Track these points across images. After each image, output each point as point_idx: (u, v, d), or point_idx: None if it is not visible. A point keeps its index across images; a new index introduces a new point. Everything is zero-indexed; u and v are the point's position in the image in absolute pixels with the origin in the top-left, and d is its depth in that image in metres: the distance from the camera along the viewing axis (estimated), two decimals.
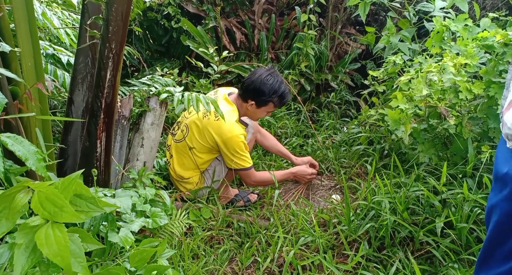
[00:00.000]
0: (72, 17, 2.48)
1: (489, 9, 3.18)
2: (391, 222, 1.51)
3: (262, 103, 2.00)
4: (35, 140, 1.35)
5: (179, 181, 2.10)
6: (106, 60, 1.26)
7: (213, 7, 3.43)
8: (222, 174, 2.12)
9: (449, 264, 1.41)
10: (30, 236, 0.71)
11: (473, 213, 1.44)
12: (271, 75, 1.98)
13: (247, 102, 2.01)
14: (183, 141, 2.03)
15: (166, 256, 1.24)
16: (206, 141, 1.97)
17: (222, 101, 2.04)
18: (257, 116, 2.09)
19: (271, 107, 2.05)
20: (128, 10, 1.23)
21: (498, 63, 1.66)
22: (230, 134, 1.91)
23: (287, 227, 1.77)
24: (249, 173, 2.04)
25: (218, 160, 2.09)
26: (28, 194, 0.70)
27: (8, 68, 1.29)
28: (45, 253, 0.68)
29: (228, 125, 1.90)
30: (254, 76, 1.98)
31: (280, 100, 2.02)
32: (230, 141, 1.92)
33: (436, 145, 1.89)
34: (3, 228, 0.70)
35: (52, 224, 0.71)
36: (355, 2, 2.54)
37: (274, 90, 1.96)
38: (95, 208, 0.77)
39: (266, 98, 1.97)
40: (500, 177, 0.80)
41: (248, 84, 1.98)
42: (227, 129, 1.90)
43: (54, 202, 0.69)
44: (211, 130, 1.93)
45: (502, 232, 0.81)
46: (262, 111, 2.05)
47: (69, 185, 0.73)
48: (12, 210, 0.69)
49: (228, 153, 1.96)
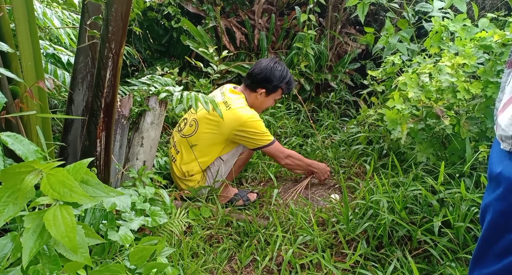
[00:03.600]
0: (72, 17, 2.49)
1: (488, 9, 3.19)
2: (389, 221, 1.52)
3: (272, 90, 2.11)
4: (35, 138, 1.36)
5: (181, 179, 2.11)
6: (106, 60, 1.27)
7: (213, 7, 3.44)
8: (224, 174, 2.13)
9: (446, 263, 1.41)
10: (38, 220, 0.73)
11: (470, 212, 1.45)
12: (277, 63, 2.12)
13: (256, 91, 2.11)
14: (194, 135, 2.04)
15: (165, 254, 1.24)
16: (222, 134, 1.99)
17: (229, 93, 2.10)
18: (265, 105, 2.19)
19: (279, 94, 2.17)
20: (127, 10, 1.24)
21: (496, 63, 1.67)
22: (245, 117, 1.96)
23: (286, 226, 1.77)
24: (276, 146, 2.05)
25: (222, 160, 2.10)
26: (38, 176, 0.71)
27: (8, 67, 1.30)
28: (53, 234, 0.70)
29: (240, 110, 1.98)
30: (261, 65, 2.09)
31: (288, 86, 2.15)
32: (247, 124, 1.96)
33: (434, 144, 1.89)
34: (10, 212, 0.71)
35: (60, 206, 0.73)
36: (355, 2, 2.55)
37: (283, 76, 2.09)
38: (102, 193, 0.78)
39: (277, 83, 2.09)
40: (494, 177, 0.82)
41: (257, 73, 2.08)
42: (241, 114, 1.97)
43: (64, 183, 0.70)
44: (227, 119, 1.95)
45: (496, 231, 0.82)
46: (270, 99, 2.16)
47: (79, 169, 0.75)
48: (22, 191, 0.70)
49: (249, 136, 1.98)
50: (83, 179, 0.79)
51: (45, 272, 0.81)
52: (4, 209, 0.71)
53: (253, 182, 2.44)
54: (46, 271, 0.81)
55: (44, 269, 0.81)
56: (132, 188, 1.58)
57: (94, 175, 0.80)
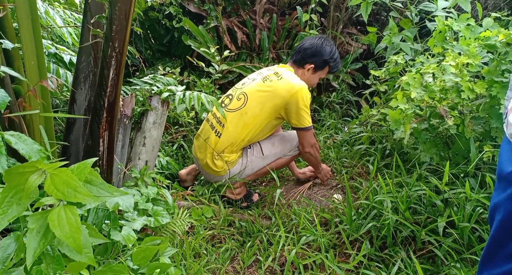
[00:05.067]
0: (74, 17, 2.48)
1: (491, 9, 3.18)
2: (393, 221, 1.51)
3: (322, 65, 2.08)
4: (39, 138, 1.35)
5: (212, 158, 2.01)
6: (110, 59, 1.26)
7: (215, 6, 3.43)
8: (256, 169, 2.10)
9: (451, 264, 1.40)
10: (42, 221, 0.72)
11: (475, 212, 1.44)
12: (327, 39, 2.10)
13: (304, 67, 2.08)
14: (243, 108, 1.98)
15: (168, 255, 1.24)
16: (273, 104, 1.94)
17: (277, 67, 2.09)
18: (311, 82, 2.14)
19: (325, 72, 2.14)
20: (131, 9, 1.23)
21: (500, 63, 1.66)
22: (298, 86, 1.93)
23: (288, 226, 1.77)
24: (310, 133, 2.03)
25: (263, 155, 2.09)
26: (41, 176, 0.71)
27: (11, 66, 1.29)
28: (57, 234, 0.69)
29: (293, 79, 1.96)
30: (311, 40, 2.07)
31: (336, 65, 2.12)
32: (300, 93, 1.92)
33: (437, 144, 1.88)
34: (13, 213, 0.70)
35: (64, 207, 0.72)
36: (357, 2, 2.54)
37: (333, 52, 2.08)
38: (106, 193, 0.78)
39: (328, 58, 2.06)
40: (504, 176, 0.81)
41: (307, 47, 2.06)
42: (294, 83, 1.94)
43: (68, 183, 0.70)
44: (279, 88, 1.93)
45: (506, 231, 0.81)
46: (316, 76, 2.13)
47: (83, 169, 0.74)
48: (26, 191, 0.69)
49: (296, 108, 1.93)
50: (87, 179, 0.78)
51: (49, 272, 0.80)
52: (7, 210, 0.71)
53: (255, 182, 2.43)
54: (50, 271, 0.80)
55: (48, 269, 0.80)
56: (134, 188, 1.57)
57: (98, 175, 0.79)
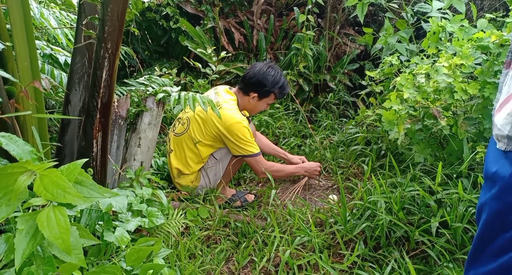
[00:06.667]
0: (70, 17, 2.48)
1: (486, 10, 3.19)
2: (386, 221, 1.51)
3: (264, 94, 2.10)
4: (31, 139, 1.35)
5: (175, 177, 2.11)
6: (102, 60, 1.26)
7: (212, 7, 3.44)
8: (219, 173, 2.12)
9: (444, 264, 1.41)
10: (31, 222, 0.72)
11: (467, 213, 1.44)
12: (271, 67, 2.10)
13: (249, 95, 2.10)
14: (185, 133, 2.06)
15: (162, 255, 1.24)
16: (210, 132, 2.01)
17: (223, 92, 2.12)
18: (257, 108, 2.18)
19: (272, 99, 2.15)
20: (124, 10, 1.24)
21: (493, 64, 1.67)
22: (232, 120, 1.96)
23: (283, 227, 1.77)
24: (258, 159, 2.06)
25: (215, 158, 2.10)
26: (31, 177, 0.71)
27: (4, 68, 1.30)
28: (46, 235, 0.69)
29: (230, 112, 1.98)
30: (255, 69, 2.09)
31: (281, 91, 2.13)
32: (233, 127, 1.96)
33: (431, 145, 1.89)
34: (3, 213, 0.70)
35: (53, 207, 0.72)
36: (353, 2, 2.55)
37: (276, 81, 2.08)
38: (96, 194, 0.78)
39: (269, 89, 2.08)
40: (489, 176, 0.82)
41: (250, 77, 2.08)
42: (229, 116, 1.96)
43: (58, 184, 0.70)
44: (214, 119, 1.98)
45: (491, 230, 0.82)
46: (263, 103, 2.15)
47: (73, 170, 0.75)
48: (15, 192, 0.69)
49: (233, 140, 1.99)
50: (77, 180, 0.78)
51: (39, 274, 0.80)
52: None
53: (251, 183, 2.43)
54: (40, 273, 0.80)
55: (38, 270, 0.80)
56: (129, 189, 1.57)
57: (88, 176, 0.79)
